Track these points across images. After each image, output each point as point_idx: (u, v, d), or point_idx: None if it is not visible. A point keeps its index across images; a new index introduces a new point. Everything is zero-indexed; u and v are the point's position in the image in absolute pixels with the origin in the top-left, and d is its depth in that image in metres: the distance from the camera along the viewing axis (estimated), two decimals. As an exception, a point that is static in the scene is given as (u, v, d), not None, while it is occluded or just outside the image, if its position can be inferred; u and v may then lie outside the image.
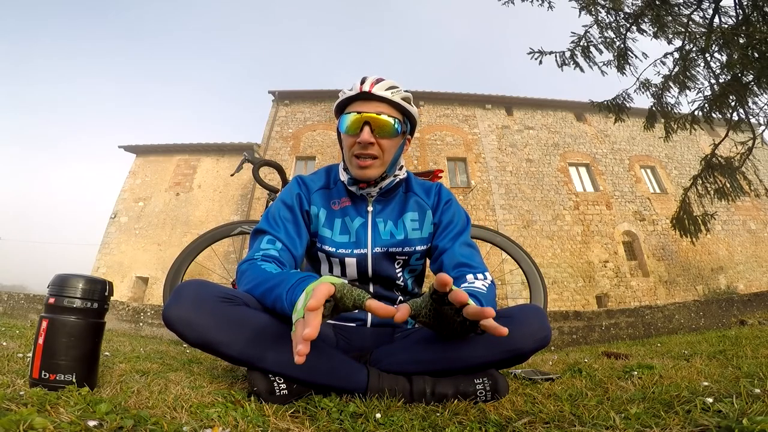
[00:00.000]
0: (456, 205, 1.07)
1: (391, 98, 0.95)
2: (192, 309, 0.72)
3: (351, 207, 1.01)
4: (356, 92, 0.94)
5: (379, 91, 0.93)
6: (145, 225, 10.47)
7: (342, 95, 0.98)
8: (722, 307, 3.18)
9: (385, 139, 0.95)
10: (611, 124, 6.25)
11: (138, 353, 1.33)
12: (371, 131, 0.93)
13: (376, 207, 1.02)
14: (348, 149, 0.96)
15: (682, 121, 4.44)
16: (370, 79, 0.95)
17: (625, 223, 10.53)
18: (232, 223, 2.11)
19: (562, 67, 4.11)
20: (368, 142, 0.92)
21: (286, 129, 11.72)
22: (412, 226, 1.01)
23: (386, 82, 0.96)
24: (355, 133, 0.94)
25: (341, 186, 1.04)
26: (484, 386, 0.78)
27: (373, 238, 0.99)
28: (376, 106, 0.94)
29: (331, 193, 1.04)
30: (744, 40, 3.36)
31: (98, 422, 0.50)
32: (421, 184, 1.10)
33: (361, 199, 1.02)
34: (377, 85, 0.94)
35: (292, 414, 0.66)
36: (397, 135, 0.96)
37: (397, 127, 0.95)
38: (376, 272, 0.98)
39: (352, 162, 0.96)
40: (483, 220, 10.12)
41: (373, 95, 0.94)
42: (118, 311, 2.94)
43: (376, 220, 1.01)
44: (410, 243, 1.00)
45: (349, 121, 0.94)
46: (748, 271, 10.28)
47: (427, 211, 1.04)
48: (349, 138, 0.95)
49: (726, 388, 0.70)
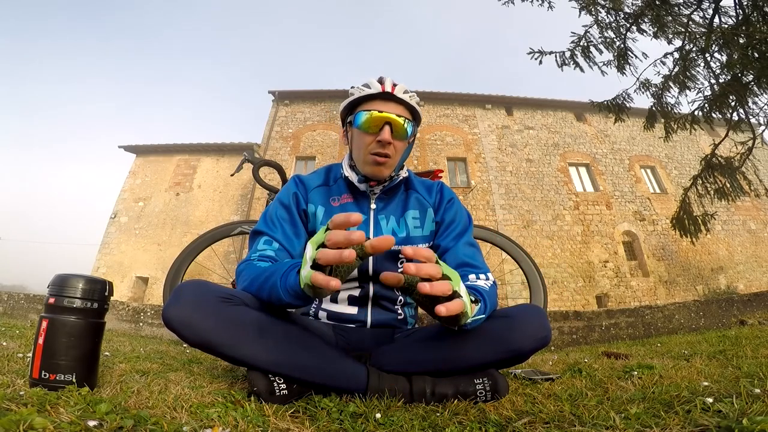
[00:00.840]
0: (458, 204, 1.07)
1: (410, 102, 0.97)
2: (191, 309, 0.72)
3: (352, 204, 1.01)
4: (377, 91, 0.95)
5: (399, 93, 0.96)
6: (145, 225, 10.47)
7: (358, 92, 0.98)
8: (722, 307, 3.18)
9: (399, 141, 0.96)
10: (611, 124, 6.26)
11: (138, 353, 1.33)
12: (391, 132, 0.94)
13: (378, 204, 1.02)
14: (364, 147, 0.96)
15: (682, 121, 4.44)
16: (389, 80, 0.97)
17: (625, 223, 10.53)
18: (232, 223, 2.11)
19: (562, 67, 4.11)
20: (388, 142, 0.94)
21: (286, 129, 11.72)
22: (413, 224, 1.01)
23: (402, 86, 0.98)
24: (373, 132, 0.94)
25: (342, 183, 1.04)
26: (484, 386, 0.79)
27: (375, 235, 0.98)
28: (396, 108, 0.96)
29: (330, 190, 1.04)
30: (744, 40, 3.36)
31: (98, 422, 0.50)
32: (423, 182, 1.10)
33: (364, 196, 1.02)
34: (396, 88, 0.96)
35: (292, 414, 0.66)
36: (408, 137, 0.99)
37: (409, 130, 0.97)
38: (377, 271, 0.98)
39: (368, 159, 0.96)
40: (483, 220, 10.12)
41: (394, 97, 0.96)
42: (118, 311, 2.94)
43: (379, 218, 1.01)
44: (412, 241, 1.00)
45: (369, 118, 0.94)
46: (748, 271, 10.28)
47: (428, 209, 1.04)
48: (367, 136, 0.96)
49: (726, 388, 0.70)
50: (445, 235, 1.00)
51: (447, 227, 1.01)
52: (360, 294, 0.98)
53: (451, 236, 0.99)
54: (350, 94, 1.01)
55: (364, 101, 0.98)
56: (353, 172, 1.01)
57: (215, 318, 0.73)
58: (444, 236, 1.00)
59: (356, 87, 1.00)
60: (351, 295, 0.99)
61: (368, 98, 0.97)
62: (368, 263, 0.97)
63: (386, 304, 1.01)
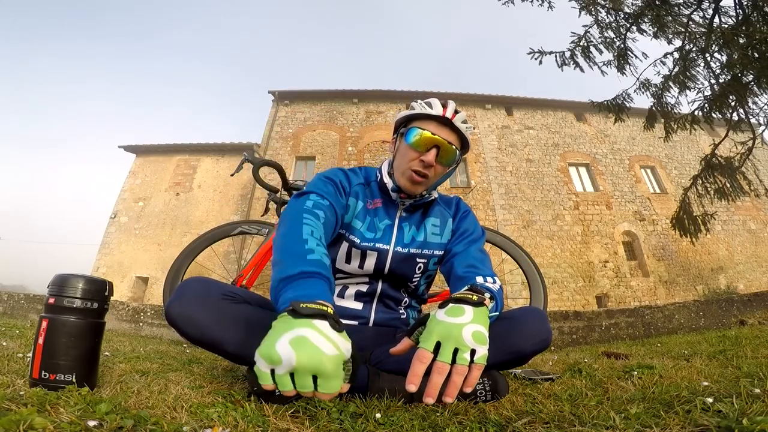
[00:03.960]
0: (473, 216, 1.11)
1: (464, 132, 0.97)
2: (194, 306, 0.73)
3: (382, 209, 1.03)
4: (437, 113, 0.95)
5: (458, 122, 0.96)
6: (145, 225, 10.46)
7: (419, 107, 0.98)
8: (722, 307, 3.18)
9: (442, 166, 0.97)
10: (611, 124, 6.26)
11: (138, 353, 1.33)
12: (437, 155, 0.94)
13: (404, 213, 1.05)
14: (407, 161, 0.97)
15: (682, 121, 4.44)
16: (451, 106, 0.97)
17: (625, 223, 10.53)
18: (232, 223, 2.11)
19: (562, 67, 4.11)
20: (431, 165, 0.94)
21: (286, 129, 11.71)
22: (432, 231, 1.04)
23: (462, 114, 0.98)
24: (421, 151, 0.95)
25: (375, 187, 1.06)
26: (484, 386, 0.79)
27: (397, 238, 1.01)
28: (449, 134, 0.96)
29: (366, 191, 1.06)
30: (744, 40, 3.36)
31: (98, 422, 0.50)
32: (442, 197, 1.13)
33: (393, 204, 1.04)
34: (457, 116, 0.96)
35: (292, 414, 0.66)
36: (452, 165, 0.99)
37: (457, 159, 0.98)
38: (392, 270, 0.99)
39: (406, 174, 0.97)
40: (483, 220, 10.12)
41: (451, 123, 0.95)
42: (118, 311, 2.94)
43: (403, 225, 1.03)
44: (429, 246, 1.02)
45: (420, 138, 0.94)
46: (748, 271, 10.28)
47: (449, 219, 1.07)
48: (413, 152, 0.96)
49: (726, 388, 0.70)
50: (458, 240, 1.02)
51: (461, 234, 1.04)
52: (368, 290, 1.00)
53: (464, 242, 1.01)
54: (411, 107, 1.01)
55: (421, 118, 0.98)
56: (390, 179, 1.03)
57: (217, 315, 0.74)
58: (457, 242, 1.02)
59: (419, 102, 0.99)
60: (359, 291, 1.00)
61: (426, 117, 0.97)
62: (387, 260, 0.99)
63: (391, 304, 1.02)
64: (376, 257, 0.98)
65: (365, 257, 0.98)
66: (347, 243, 0.99)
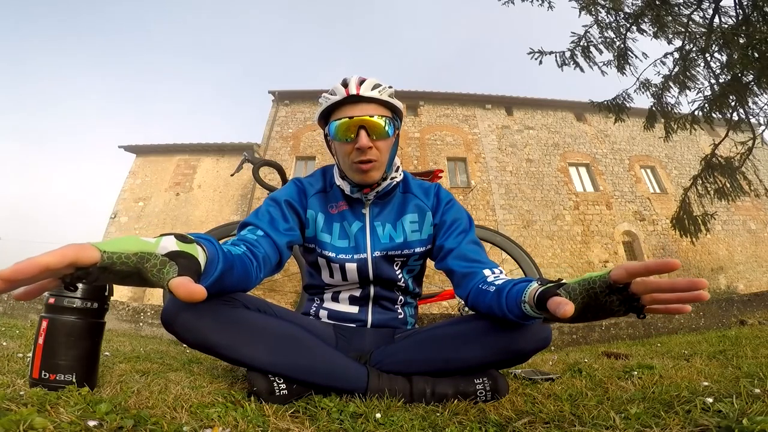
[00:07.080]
0: (458, 205, 1.04)
1: (380, 98, 0.89)
2: (191, 311, 0.72)
3: (348, 211, 0.99)
4: (342, 96, 0.88)
5: (367, 92, 0.88)
6: (145, 225, 10.46)
7: (325, 101, 0.91)
8: (722, 307, 3.18)
9: (381, 141, 0.90)
10: (611, 124, 6.26)
11: (138, 353, 1.33)
12: (368, 135, 0.87)
13: (374, 210, 1.00)
14: (345, 156, 0.91)
15: (682, 121, 4.44)
16: (354, 79, 0.89)
17: (625, 223, 10.52)
18: (232, 223, 2.11)
19: (562, 67, 4.11)
20: (368, 147, 0.88)
21: (286, 129, 11.71)
22: (411, 228, 0.99)
23: (370, 81, 0.90)
24: (350, 140, 0.89)
25: (337, 190, 1.00)
26: (484, 386, 0.79)
27: (372, 243, 0.97)
28: (366, 109, 0.89)
29: (328, 197, 1.01)
30: (744, 40, 3.36)
31: (98, 422, 0.50)
32: (419, 185, 1.06)
33: (358, 202, 0.99)
34: (363, 86, 0.88)
35: (292, 414, 0.66)
36: (391, 135, 0.92)
37: (389, 128, 0.91)
38: (377, 275, 0.97)
39: (353, 168, 0.91)
40: (483, 220, 10.12)
41: (362, 97, 0.88)
42: (118, 311, 2.94)
43: (374, 224, 0.99)
44: (410, 245, 0.98)
45: (341, 128, 0.88)
46: (748, 271, 10.28)
47: (427, 212, 1.01)
48: (345, 145, 0.90)
49: (726, 388, 0.70)
50: (447, 234, 0.96)
51: (449, 227, 0.98)
52: (361, 294, 0.99)
53: (454, 235, 0.96)
54: (319, 104, 0.94)
55: (334, 109, 0.91)
56: (345, 181, 0.97)
57: (214, 319, 0.73)
58: (446, 236, 0.96)
59: (324, 95, 0.92)
60: (352, 295, 0.99)
61: (337, 105, 0.90)
62: (368, 268, 0.96)
63: (386, 304, 1.01)
64: (356, 268, 0.95)
65: (344, 270, 0.95)
66: (323, 258, 0.96)
